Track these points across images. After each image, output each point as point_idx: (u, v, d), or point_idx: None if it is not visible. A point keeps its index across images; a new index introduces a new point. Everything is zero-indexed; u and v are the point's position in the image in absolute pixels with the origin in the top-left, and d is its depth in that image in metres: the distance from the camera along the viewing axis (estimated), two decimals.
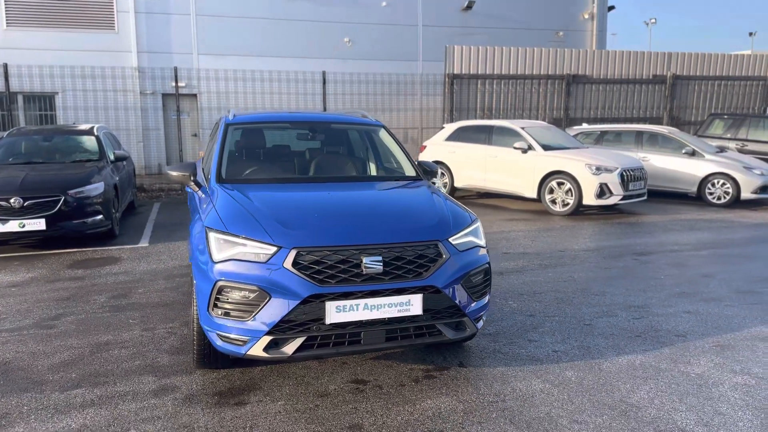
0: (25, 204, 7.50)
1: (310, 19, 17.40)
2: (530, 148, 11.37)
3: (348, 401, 3.67)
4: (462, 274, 3.78)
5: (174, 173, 4.74)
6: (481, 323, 4.05)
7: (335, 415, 3.49)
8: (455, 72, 15.18)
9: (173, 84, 15.98)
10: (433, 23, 18.52)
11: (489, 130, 12.28)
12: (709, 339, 4.79)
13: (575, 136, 14.03)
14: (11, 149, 9.18)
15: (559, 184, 10.88)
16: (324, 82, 14.36)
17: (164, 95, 16.59)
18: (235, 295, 3.49)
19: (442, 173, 12.80)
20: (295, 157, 5.36)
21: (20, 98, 15.56)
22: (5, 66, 13.04)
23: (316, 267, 3.49)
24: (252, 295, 3.45)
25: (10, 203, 7.45)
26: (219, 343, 3.61)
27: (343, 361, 4.24)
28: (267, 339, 3.45)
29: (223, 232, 3.65)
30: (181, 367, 4.15)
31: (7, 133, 9.75)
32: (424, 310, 3.65)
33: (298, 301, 3.41)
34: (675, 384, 3.95)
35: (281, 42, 17.22)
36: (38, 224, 7.54)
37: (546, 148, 11.35)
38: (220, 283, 3.51)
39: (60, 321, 5.16)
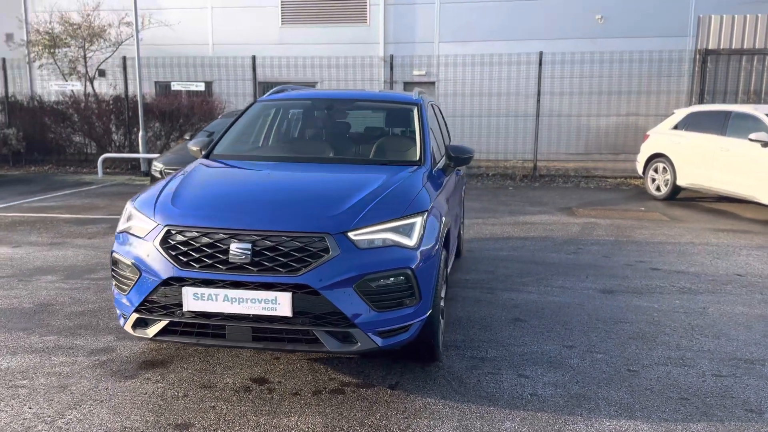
0: None
1: None
2: None
3: (219, 399, 3.33)
4: (354, 276, 3.12)
5: (193, 147, 4.88)
6: (396, 339, 3.29)
7: (184, 409, 3.21)
8: (709, 47, 12.46)
9: (414, 72, 16.70)
10: None
11: (725, 116, 9.83)
12: None
13: None
14: (223, 126, 10.60)
15: None
16: (540, 64, 13.20)
17: (405, 83, 17.24)
18: (120, 268, 3.45)
19: (665, 168, 10.71)
20: (297, 135, 5.12)
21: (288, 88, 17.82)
22: (253, 58, 15.03)
23: (183, 248, 3.24)
24: (128, 270, 3.38)
25: None
26: (118, 312, 3.64)
27: (275, 357, 3.88)
28: (135, 317, 3.34)
29: (133, 206, 3.65)
30: None
31: (222, 114, 11.32)
32: (296, 312, 3.12)
33: (158, 282, 3.23)
34: None
35: (522, 25, 16.32)
36: None
37: None
38: (113, 255, 3.52)
39: None
